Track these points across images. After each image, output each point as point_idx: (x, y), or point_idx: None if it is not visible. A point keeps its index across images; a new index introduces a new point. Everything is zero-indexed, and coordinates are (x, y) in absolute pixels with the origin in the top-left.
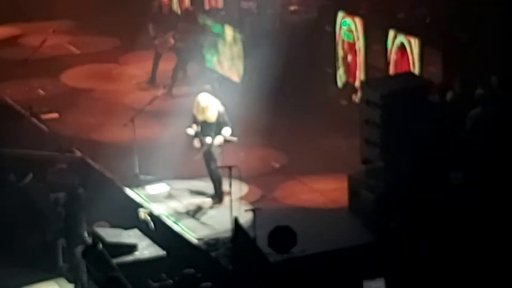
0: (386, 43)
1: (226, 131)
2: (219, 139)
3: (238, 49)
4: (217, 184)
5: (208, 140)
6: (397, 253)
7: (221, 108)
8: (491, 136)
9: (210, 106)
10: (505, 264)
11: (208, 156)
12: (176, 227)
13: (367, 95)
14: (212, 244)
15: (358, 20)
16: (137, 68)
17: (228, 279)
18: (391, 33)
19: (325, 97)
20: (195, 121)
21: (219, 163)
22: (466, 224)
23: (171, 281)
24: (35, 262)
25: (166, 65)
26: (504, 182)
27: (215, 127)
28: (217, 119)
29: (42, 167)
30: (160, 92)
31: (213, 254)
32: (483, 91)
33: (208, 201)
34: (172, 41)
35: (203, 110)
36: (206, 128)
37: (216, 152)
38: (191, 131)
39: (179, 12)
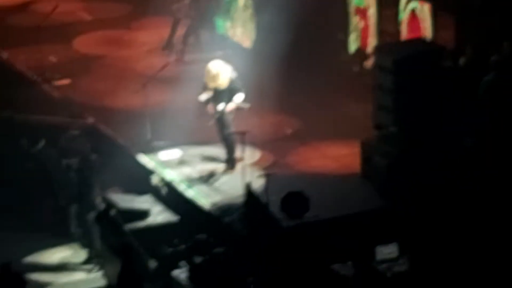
0: (398, 9)
1: (238, 98)
2: (230, 106)
3: (249, 14)
4: (230, 150)
5: (221, 106)
6: (410, 219)
7: (233, 75)
8: (505, 101)
9: (221, 73)
10: None
11: (220, 122)
12: (188, 193)
13: (380, 60)
14: (225, 209)
15: None
16: (149, 34)
17: (241, 244)
18: None
19: (337, 63)
20: (206, 88)
21: (231, 129)
22: (478, 189)
23: (184, 246)
24: (48, 228)
25: (180, 32)
26: None
27: (228, 94)
28: (229, 85)
29: (55, 133)
30: (172, 58)
31: (225, 219)
32: (497, 57)
33: (220, 166)
34: (190, 7)
35: (214, 77)
36: (218, 95)
37: (228, 118)
38: (203, 97)
39: None
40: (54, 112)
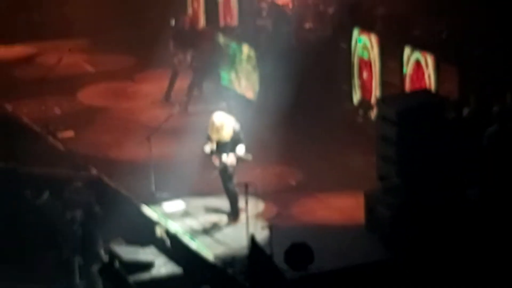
0: (401, 60)
1: (240, 149)
2: (233, 157)
3: (253, 66)
4: (233, 202)
5: (224, 158)
6: (413, 270)
7: (237, 126)
8: (509, 152)
9: (225, 125)
10: None
11: (224, 173)
12: (192, 245)
13: (383, 112)
14: (229, 261)
15: (373, 37)
16: (152, 86)
17: None
18: (407, 50)
19: (341, 114)
20: (210, 139)
21: (235, 181)
22: (482, 240)
23: None
24: (52, 280)
25: (182, 83)
26: None
27: (231, 145)
28: (232, 137)
29: (59, 185)
30: (176, 109)
31: (229, 271)
32: (500, 108)
33: (224, 218)
34: (189, 59)
35: (217, 129)
36: (222, 146)
37: (232, 169)
38: (207, 149)
39: (198, 29)
40: (58, 164)
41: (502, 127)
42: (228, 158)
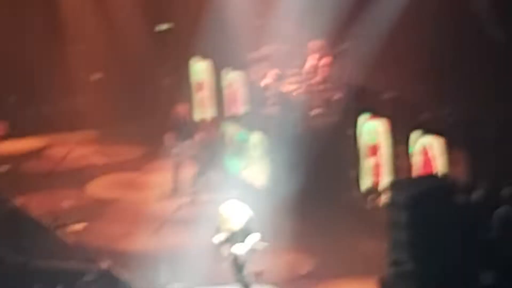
0: (409, 144)
1: (253, 238)
2: (246, 247)
3: (261, 154)
4: None
5: (236, 248)
6: None
7: (246, 217)
8: None
9: (234, 215)
10: None
11: (236, 264)
12: None
13: (393, 196)
14: None
15: (381, 122)
16: (161, 176)
17: None
18: (415, 134)
19: (350, 200)
20: (220, 230)
21: (247, 271)
22: None
23: None
24: None
25: (188, 173)
26: None
27: (243, 234)
28: (245, 225)
29: (71, 279)
30: (185, 200)
31: None
32: (509, 190)
33: None
34: (192, 150)
35: (226, 220)
36: (233, 236)
37: (244, 259)
38: (218, 239)
39: (197, 119)
40: (69, 257)
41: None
42: (238, 249)
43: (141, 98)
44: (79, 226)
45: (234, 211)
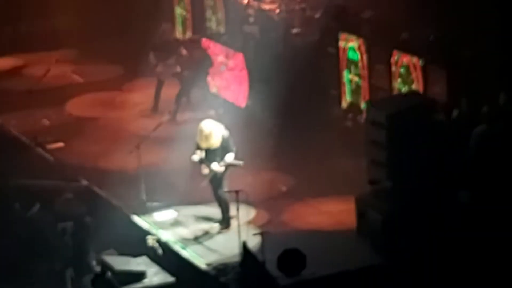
0: (389, 63)
1: (230, 157)
2: (221, 165)
3: (241, 73)
4: (225, 209)
5: (214, 166)
6: (406, 275)
7: (226, 133)
8: (496, 153)
9: (213, 133)
10: None
11: (214, 181)
12: (184, 253)
13: (373, 115)
14: (221, 269)
15: (361, 41)
16: (141, 95)
17: None
18: (395, 53)
19: (330, 119)
20: (198, 147)
21: (225, 188)
22: (474, 243)
23: None
24: None
25: (170, 92)
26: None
27: (220, 153)
28: (221, 144)
29: (49, 197)
30: (165, 118)
31: (222, 279)
32: (487, 108)
33: (215, 226)
34: (175, 68)
35: (206, 137)
36: (211, 154)
37: (222, 177)
38: (196, 157)
39: (180, 37)
40: (48, 175)
41: (490, 127)
42: (218, 166)
43: (121, 16)
44: (58, 145)
45: (213, 129)
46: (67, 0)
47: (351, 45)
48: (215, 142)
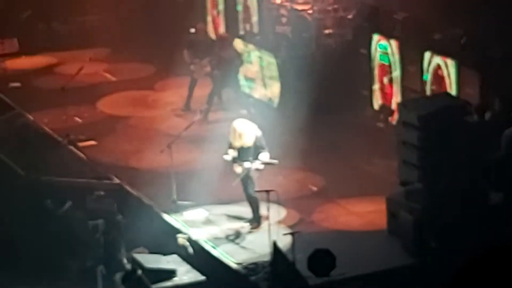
0: (422, 65)
1: (264, 156)
2: (257, 164)
3: (274, 73)
4: (255, 209)
5: (246, 164)
6: (438, 275)
7: (258, 133)
8: None
9: (246, 132)
10: None
11: (246, 180)
12: (215, 252)
13: (404, 116)
14: (251, 268)
15: (393, 42)
16: (172, 95)
17: None
18: (427, 55)
19: (361, 120)
20: (231, 147)
21: (256, 188)
22: (507, 245)
23: None
24: None
25: (202, 91)
26: None
27: (253, 152)
28: (254, 143)
29: (81, 195)
30: (196, 118)
31: (252, 278)
32: None
33: (246, 225)
34: (208, 68)
35: (239, 136)
36: (244, 153)
37: (254, 176)
38: (228, 157)
39: (214, 37)
40: (80, 173)
41: None
42: (253, 164)
43: (155, 15)
44: (90, 142)
45: (246, 128)
46: None
47: (383, 47)
48: (248, 141)
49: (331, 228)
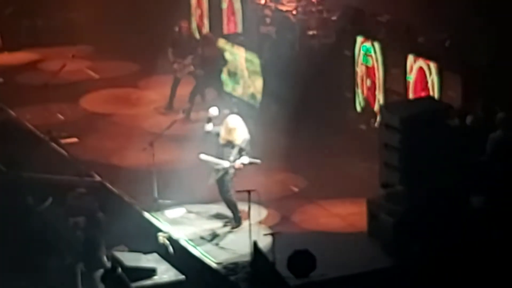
0: (405, 68)
1: (245, 159)
2: (239, 163)
3: (256, 73)
4: (233, 209)
5: (225, 164)
6: (417, 278)
7: (247, 136)
8: None
9: (237, 129)
10: None
11: (221, 182)
12: (195, 251)
13: (386, 119)
14: (231, 268)
15: (376, 45)
16: (156, 93)
17: None
18: (410, 58)
19: (344, 121)
20: (218, 135)
21: (234, 188)
22: (486, 248)
23: None
24: (54, 286)
25: (185, 90)
26: None
27: (235, 152)
28: (240, 144)
29: (62, 192)
30: (179, 116)
31: (232, 278)
32: (504, 114)
33: (226, 225)
34: (191, 67)
35: (230, 131)
36: (226, 151)
37: (230, 177)
38: (209, 128)
39: (197, 36)
40: (61, 170)
41: (506, 134)
42: (235, 163)
43: (138, 14)
44: (72, 140)
45: (238, 126)
46: None
47: (366, 49)
48: (236, 138)
49: (311, 229)
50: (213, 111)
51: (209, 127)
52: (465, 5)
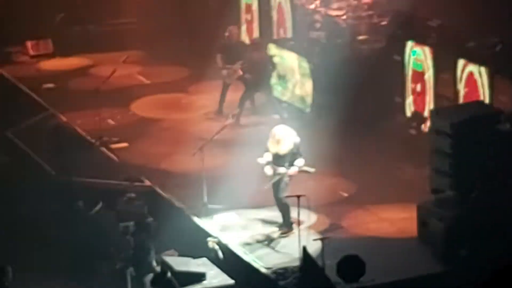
0: (455, 72)
1: (300, 162)
2: (293, 170)
3: (307, 78)
4: (285, 214)
5: (282, 170)
6: (467, 284)
7: (297, 140)
8: None
9: (285, 139)
10: None
11: (278, 186)
12: (244, 256)
13: (437, 124)
14: (281, 273)
15: (427, 49)
16: (205, 98)
17: None
18: (461, 62)
19: (393, 126)
20: (267, 151)
21: (287, 193)
22: None
23: None
24: None
25: (234, 95)
26: None
27: (288, 158)
28: (291, 151)
29: (112, 196)
30: (228, 121)
31: (281, 283)
32: None
33: (276, 230)
34: (240, 72)
35: (277, 142)
36: (279, 159)
37: (285, 182)
38: (263, 160)
39: (247, 41)
40: (111, 175)
41: None
42: (289, 170)
43: (188, 18)
44: (122, 145)
45: (286, 135)
46: (135, 1)
47: (416, 54)
48: (285, 148)
49: (361, 234)
50: (262, 160)
51: (262, 160)
52: None
